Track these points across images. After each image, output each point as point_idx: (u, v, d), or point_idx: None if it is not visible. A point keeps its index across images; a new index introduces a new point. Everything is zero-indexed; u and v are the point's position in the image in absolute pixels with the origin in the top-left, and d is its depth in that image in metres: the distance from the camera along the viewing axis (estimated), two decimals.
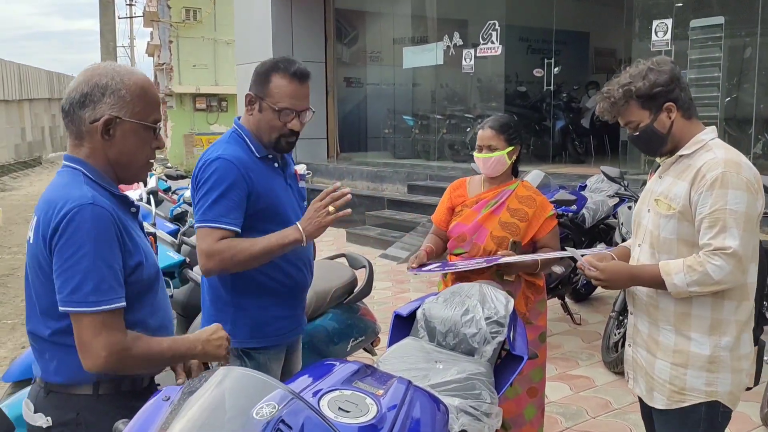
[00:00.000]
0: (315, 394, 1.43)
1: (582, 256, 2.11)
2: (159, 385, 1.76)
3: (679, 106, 2.02)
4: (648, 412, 2.19)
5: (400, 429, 1.36)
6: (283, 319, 2.29)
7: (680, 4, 8.39)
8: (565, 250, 2.39)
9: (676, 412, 2.03)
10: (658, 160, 2.16)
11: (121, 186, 1.78)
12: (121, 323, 1.59)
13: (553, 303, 5.55)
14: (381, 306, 5.94)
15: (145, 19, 31.47)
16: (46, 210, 1.59)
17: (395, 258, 8.03)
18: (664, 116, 2.02)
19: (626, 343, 2.22)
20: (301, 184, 2.47)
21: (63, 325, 1.59)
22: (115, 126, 1.64)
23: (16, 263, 9.26)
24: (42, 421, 1.63)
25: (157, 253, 1.89)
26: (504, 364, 2.09)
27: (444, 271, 2.84)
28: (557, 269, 5.10)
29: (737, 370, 2.00)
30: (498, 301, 2.14)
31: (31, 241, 1.63)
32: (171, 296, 2.83)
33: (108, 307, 1.55)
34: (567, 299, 5.56)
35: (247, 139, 2.22)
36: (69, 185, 1.61)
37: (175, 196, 5.39)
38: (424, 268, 2.77)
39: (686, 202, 1.96)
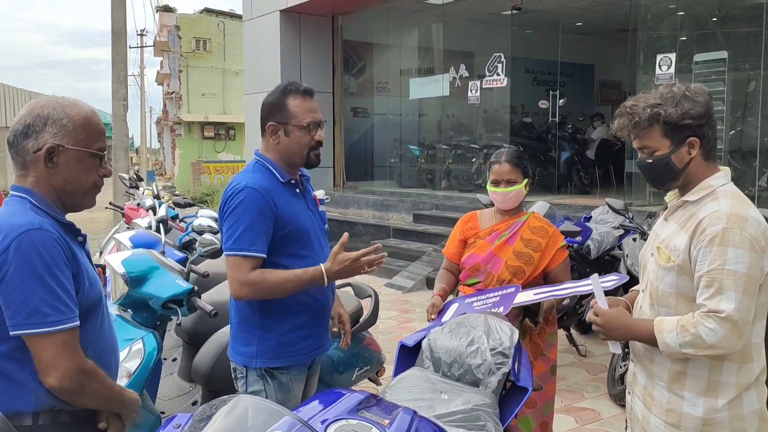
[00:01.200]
0: (322, 423, 1.45)
1: (602, 288, 1.98)
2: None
3: (702, 144, 1.86)
4: None
5: None
6: (307, 339, 2.36)
7: (684, 39, 8.49)
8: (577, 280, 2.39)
9: None
10: (666, 197, 2.04)
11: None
12: (78, 343, 1.61)
13: (559, 334, 5.51)
14: (386, 335, 5.92)
15: (156, 48, 31.94)
16: None
17: (400, 287, 8.03)
18: (685, 151, 1.86)
19: (626, 391, 2.13)
20: (321, 208, 2.57)
21: (5, 352, 1.59)
22: (58, 154, 1.66)
23: None
24: None
25: (104, 282, 1.85)
26: (509, 395, 2.09)
27: (464, 303, 2.78)
28: (566, 301, 5.10)
29: (739, 430, 1.84)
30: (503, 332, 2.15)
31: None
32: (179, 324, 2.86)
33: (69, 325, 1.57)
34: (573, 331, 5.54)
35: (270, 167, 2.32)
36: (15, 213, 1.63)
37: (183, 224, 5.43)
38: (444, 316, 2.67)
39: (686, 256, 1.83)
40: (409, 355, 2.23)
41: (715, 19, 9.05)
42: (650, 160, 1.90)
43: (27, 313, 1.54)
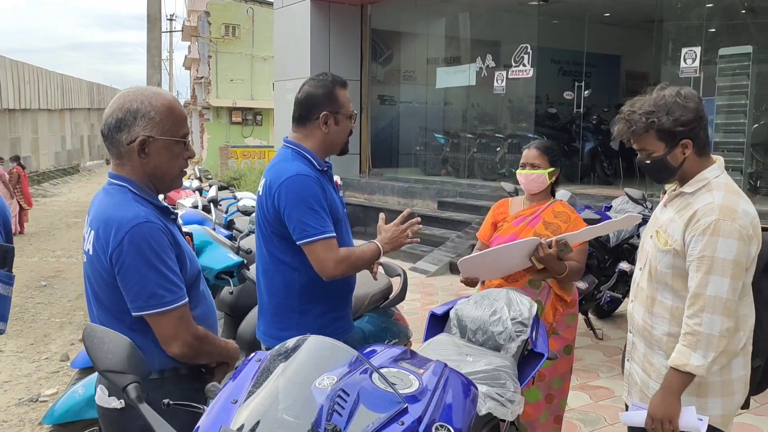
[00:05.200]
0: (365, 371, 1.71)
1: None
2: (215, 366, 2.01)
3: (695, 144, 2.04)
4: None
5: (438, 399, 1.63)
6: (339, 320, 2.50)
7: (710, 31, 8.56)
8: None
9: None
10: (666, 186, 2.27)
11: (171, 195, 2.00)
12: (190, 315, 1.86)
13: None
14: (410, 316, 6.18)
15: (185, 33, 32.32)
16: (105, 228, 1.79)
17: (424, 271, 8.29)
18: (679, 151, 2.05)
19: (625, 358, 2.34)
20: (341, 193, 2.71)
21: (128, 326, 1.80)
22: (149, 144, 1.85)
23: (60, 266, 9.72)
24: (116, 403, 1.87)
25: (192, 248, 2.08)
26: (526, 360, 2.35)
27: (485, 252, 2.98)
28: (581, 285, 5.32)
29: (728, 393, 2.06)
30: (522, 304, 2.40)
31: (90, 253, 1.84)
32: (231, 293, 3.15)
33: (182, 302, 1.82)
34: (591, 315, 5.76)
35: (309, 156, 2.40)
36: (122, 205, 1.82)
37: (221, 206, 5.77)
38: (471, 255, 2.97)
39: (681, 241, 2.03)
40: (438, 324, 2.49)
41: (744, 11, 9.08)
42: (648, 161, 2.10)
43: (146, 297, 1.77)
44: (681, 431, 2.01)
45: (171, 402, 1.42)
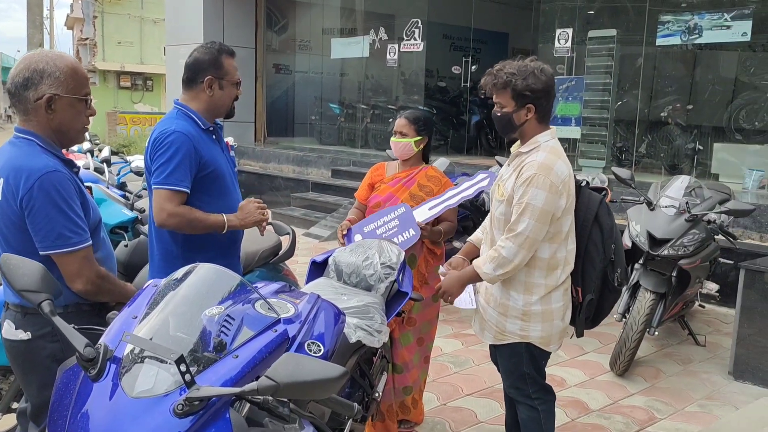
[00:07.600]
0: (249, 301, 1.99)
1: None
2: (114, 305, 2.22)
3: (537, 111, 2.50)
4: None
5: (311, 323, 1.95)
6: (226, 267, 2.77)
7: (589, 13, 9.27)
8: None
9: (504, 347, 2.65)
10: (512, 148, 2.66)
11: (70, 154, 2.18)
12: (93, 256, 2.09)
13: None
14: (302, 278, 6.47)
15: None
16: (15, 176, 1.97)
17: (317, 236, 8.60)
18: (523, 113, 2.49)
19: (475, 291, 2.80)
20: (231, 153, 2.91)
21: None
22: (55, 101, 2.04)
23: None
24: (23, 335, 2.09)
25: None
26: (394, 299, 2.72)
27: (364, 232, 3.27)
28: (458, 245, 5.80)
29: (548, 320, 2.55)
30: (392, 252, 2.76)
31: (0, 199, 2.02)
32: (126, 245, 3.32)
33: (86, 244, 2.06)
34: None
35: (193, 116, 2.63)
36: (31, 155, 1.99)
37: (112, 170, 5.81)
38: (353, 235, 3.26)
39: (512, 192, 2.50)
40: (318, 270, 2.81)
41: None
42: (499, 114, 2.56)
43: (54, 238, 1.98)
44: (457, 306, 2.76)
45: (75, 327, 1.64)
